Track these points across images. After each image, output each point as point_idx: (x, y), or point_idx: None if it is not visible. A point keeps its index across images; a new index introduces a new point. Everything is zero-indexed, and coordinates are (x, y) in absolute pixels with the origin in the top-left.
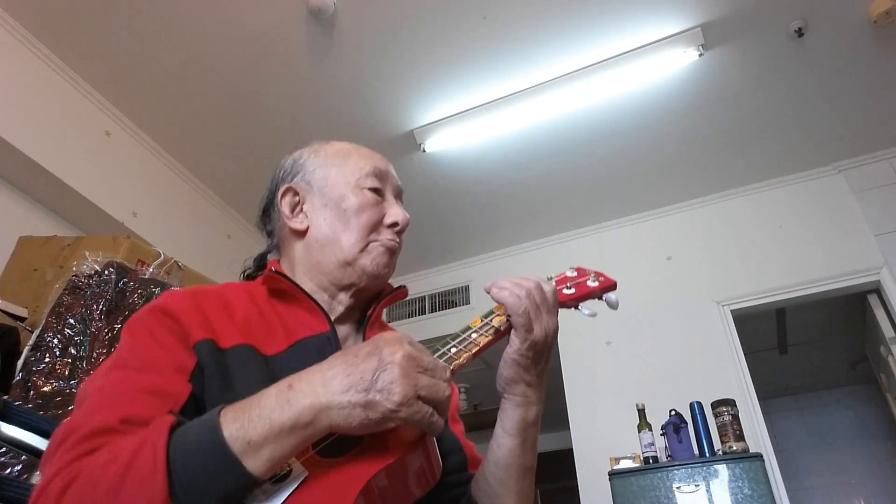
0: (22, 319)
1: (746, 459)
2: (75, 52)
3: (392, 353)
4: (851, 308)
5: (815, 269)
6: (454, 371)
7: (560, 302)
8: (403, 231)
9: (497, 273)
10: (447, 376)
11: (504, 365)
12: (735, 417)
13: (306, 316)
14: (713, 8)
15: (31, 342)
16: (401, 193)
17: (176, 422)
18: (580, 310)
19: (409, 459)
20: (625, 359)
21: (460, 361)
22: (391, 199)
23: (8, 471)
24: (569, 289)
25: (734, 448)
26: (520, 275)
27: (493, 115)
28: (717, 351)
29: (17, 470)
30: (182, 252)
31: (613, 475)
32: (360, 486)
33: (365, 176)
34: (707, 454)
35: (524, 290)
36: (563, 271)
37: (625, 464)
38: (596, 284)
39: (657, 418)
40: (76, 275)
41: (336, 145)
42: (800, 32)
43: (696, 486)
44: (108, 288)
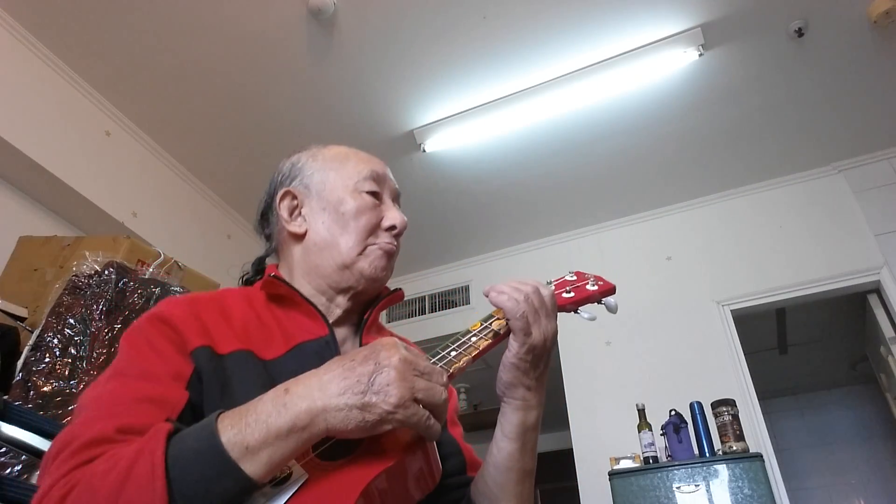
0: (22, 319)
1: (746, 459)
2: (75, 52)
3: (388, 357)
4: (851, 308)
5: (815, 269)
6: (453, 374)
7: (559, 306)
8: (401, 234)
9: (497, 273)
10: (444, 380)
11: (503, 369)
12: (735, 417)
13: (304, 320)
14: (713, 8)
15: (31, 342)
16: (398, 197)
17: (173, 429)
18: (579, 314)
19: (409, 462)
20: (625, 359)
21: (460, 365)
22: (389, 203)
23: (8, 471)
24: (568, 293)
25: (734, 448)
26: (520, 275)
27: (493, 115)
28: (717, 351)
29: (17, 470)
30: (182, 252)
31: (613, 475)
32: (361, 489)
33: (363, 179)
34: (707, 454)
35: (522, 295)
36: (563, 275)
37: (625, 464)
38: (595, 288)
39: (657, 418)
40: (76, 275)
41: (334, 149)
42: (800, 32)
43: (696, 486)
44: (108, 288)
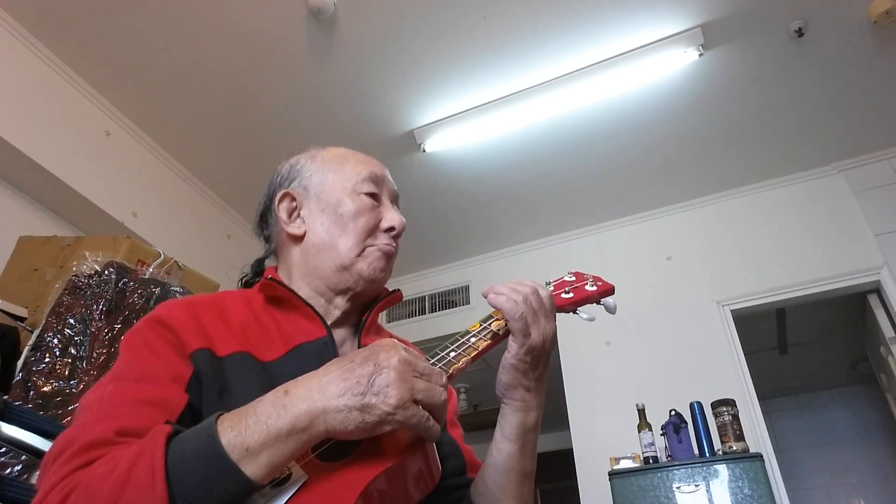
0: (22, 319)
1: (746, 459)
2: (75, 52)
3: (388, 358)
4: (851, 308)
5: (815, 269)
6: (453, 375)
7: (558, 306)
8: (400, 236)
9: (497, 273)
10: (443, 381)
11: (503, 370)
12: (735, 417)
13: (303, 322)
14: (713, 8)
15: (31, 342)
16: (397, 198)
17: (173, 431)
18: (578, 314)
19: (408, 463)
20: (625, 359)
21: (459, 366)
22: (388, 204)
23: (8, 471)
24: (567, 293)
25: (734, 448)
26: (519, 275)
27: (493, 115)
28: (717, 351)
29: (17, 470)
30: (182, 252)
31: (613, 475)
32: (360, 490)
33: (362, 181)
34: (707, 454)
35: (521, 296)
36: (562, 276)
37: (625, 464)
38: (594, 289)
39: (657, 418)
40: (76, 275)
41: (333, 151)
42: (800, 32)
43: (696, 486)
44: (108, 288)
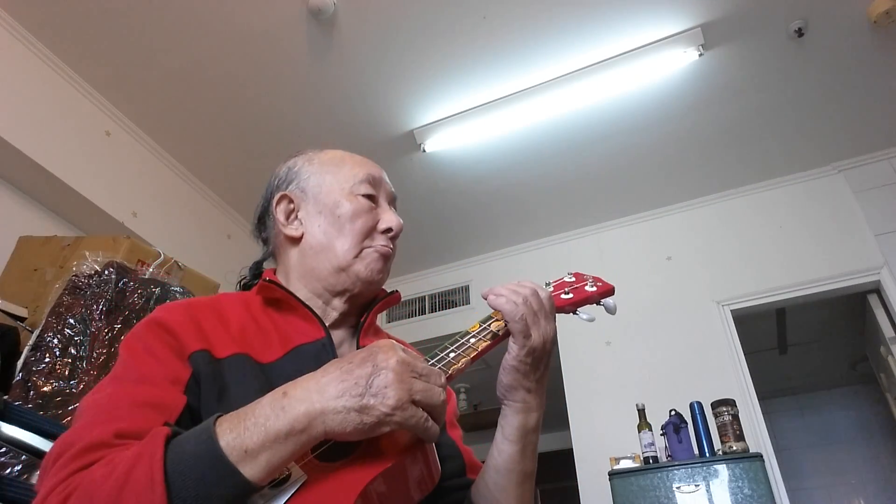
0: (22, 319)
1: (746, 459)
2: (75, 52)
3: (386, 359)
4: (851, 308)
5: (815, 269)
6: (452, 376)
7: (558, 307)
8: (397, 237)
9: (497, 273)
10: (442, 381)
11: (503, 372)
12: (735, 417)
13: (301, 323)
14: (713, 8)
15: (31, 342)
16: (394, 200)
17: (171, 433)
18: (578, 315)
19: (407, 464)
20: (625, 359)
21: (459, 366)
22: (385, 206)
23: (8, 471)
24: (567, 294)
25: (734, 448)
26: (520, 275)
27: (493, 115)
28: (717, 351)
29: (17, 470)
30: (182, 252)
31: (613, 475)
32: (359, 490)
33: (359, 182)
34: (707, 454)
35: (521, 297)
36: (562, 276)
37: (625, 464)
38: (594, 289)
39: (657, 418)
40: (76, 275)
41: (330, 153)
42: (800, 32)
43: (696, 486)
44: (108, 288)
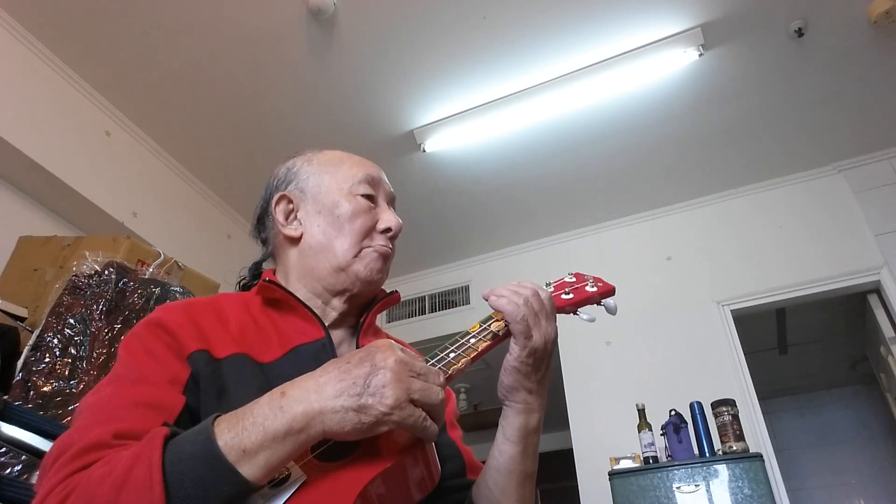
0: (22, 319)
1: (746, 459)
2: (75, 52)
3: (384, 359)
4: (851, 308)
5: (815, 269)
6: (452, 376)
7: (558, 307)
8: (396, 237)
9: (497, 273)
10: (441, 381)
11: (504, 372)
12: (735, 417)
13: (301, 323)
14: (713, 8)
15: (31, 342)
16: (393, 200)
17: (170, 433)
18: (579, 315)
19: (407, 463)
20: (625, 359)
21: (459, 366)
22: (384, 206)
23: (8, 471)
24: (567, 294)
25: (734, 448)
26: (520, 275)
27: (493, 115)
28: (717, 351)
29: (17, 470)
30: (182, 252)
31: (613, 475)
32: (359, 490)
33: (357, 183)
34: (707, 454)
35: (522, 298)
36: (562, 277)
37: (625, 464)
38: (594, 290)
39: (657, 418)
40: (76, 275)
41: (329, 153)
42: (800, 32)
43: (696, 486)
44: (108, 288)
